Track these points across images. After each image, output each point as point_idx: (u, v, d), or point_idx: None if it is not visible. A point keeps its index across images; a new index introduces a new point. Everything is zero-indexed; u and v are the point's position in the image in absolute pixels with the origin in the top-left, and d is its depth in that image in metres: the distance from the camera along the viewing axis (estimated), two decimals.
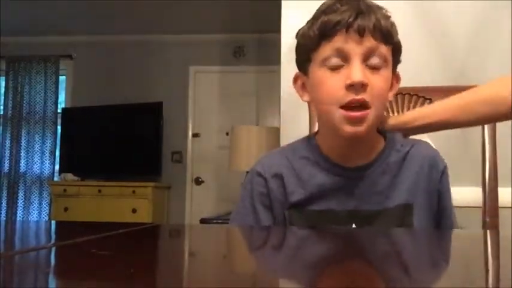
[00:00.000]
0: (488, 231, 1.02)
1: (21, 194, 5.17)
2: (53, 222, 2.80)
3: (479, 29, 1.81)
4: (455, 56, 1.83)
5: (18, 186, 5.17)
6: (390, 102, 1.21)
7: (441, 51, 1.84)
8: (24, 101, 5.26)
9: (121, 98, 4.91)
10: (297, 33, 0.98)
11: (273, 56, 2.59)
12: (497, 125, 1.20)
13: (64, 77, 5.36)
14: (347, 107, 0.90)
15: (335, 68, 0.91)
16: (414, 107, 1.22)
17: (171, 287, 0.39)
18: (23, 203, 5.16)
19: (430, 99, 1.22)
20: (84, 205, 4.50)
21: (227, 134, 4.15)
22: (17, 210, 5.14)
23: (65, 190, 4.65)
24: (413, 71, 1.59)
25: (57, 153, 5.15)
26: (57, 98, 5.29)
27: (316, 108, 0.99)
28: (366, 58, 0.90)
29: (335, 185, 0.97)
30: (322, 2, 0.96)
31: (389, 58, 0.93)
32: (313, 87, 0.96)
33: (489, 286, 0.40)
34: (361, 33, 0.89)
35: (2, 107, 5.34)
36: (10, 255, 0.52)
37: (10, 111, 5.27)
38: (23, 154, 5.21)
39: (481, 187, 1.19)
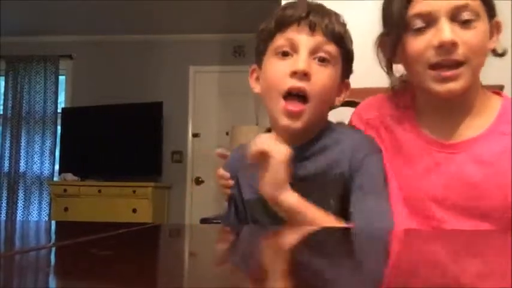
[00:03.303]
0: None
1: (21, 194, 5.17)
2: (53, 222, 2.80)
3: None
4: None
5: (18, 186, 5.17)
6: None
7: None
8: (24, 101, 5.27)
9: (121, 97, 4.91)
10: (257, 31, 1.03)
11: None
12: None
13: (64, 77, 5.36)
14: (287, 97, 0.94)
15: (284, 57, 0.96)
16: None
17: (171, 287, 0.39)
18: (22, 203, 5.16)
19: None
20: (84, 205, 4.50)
21: (227, 133, 4.15)
22: (16, 210, 5.14)
23: (65, 190, 4.65)
24: None
25: (57, 153, 5.15)
26: (57, 98, 5.29)
27: (263, 98, 1.02)
28: (313, 51, 0.94)
29: None
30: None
31: (338, 59, 0.97)
32: (263, 76, 1.01)
33: (489, 286, 0.40)
34: (311, 27, 0.95)
35: (1, 107, 5.34)
36: (10, 255, 0.52)
37: (10, 111, 5.28)
38: (22, 154, 5.21)
39: None
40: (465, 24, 0.88)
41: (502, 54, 0.98)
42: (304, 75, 0.92)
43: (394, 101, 1.04)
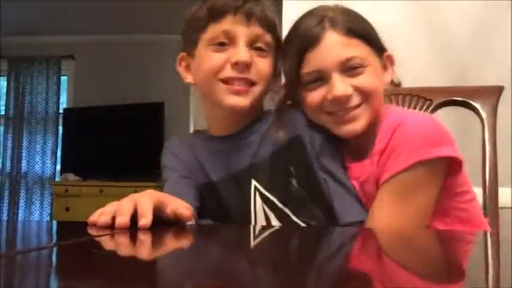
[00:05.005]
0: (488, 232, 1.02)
1: (22, 194, 5.17)
2: (54, 222, 2.80)
3: (480, 29, 1.80)
4: (455, 56, 1.83)
5: (20, 186, 5.17)
6: (391, 102, 1.21)
7: (441, 51, 1.84)
8: (26, 101, 5.26)
9: (122, 98, 4.91)
10: (186, 16, 1.02)
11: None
12: (498, 124, 1.20)
13: (66, 77, 5.36)
14: (230, 82, 0.93)
15: (221, 48, 0.94)
16: (415, 107, 1.23)
17: (171, 287, 0.39)
18: (24, 203, 5.16)
19: (430, 99, 1.22)
20: (85, 205, 4.49)
21: None
22: (18, 210, 5.14)
23: (66, 190, 4.65)
24: (413, 72, 1.58)
25: (59, 153, 5.15)
26: (58, 98, 5.29)
27: (200, 86, 1.02)
28: (251, 42, 0.95)
29: (222, 154, 1.01)
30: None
31: (273, 47, 0.98)
32: (198, 65, 0.99)
33: (489, 286, 0.40)
34: (248, 17, 0.93)
35: (3, 107, 5.34)
36: (11, 255, 0.52)
37: (12, 112, 5.27)
38: (24, 154, 5.21)
39: (481, 187, 1.19)
40: (354, 70, 0.92)
41: (398, 85, 1.02)
42: (246, 66, 0.93)
43: None
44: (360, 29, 0.94)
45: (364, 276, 0.44)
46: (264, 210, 0.96)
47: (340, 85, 0.91)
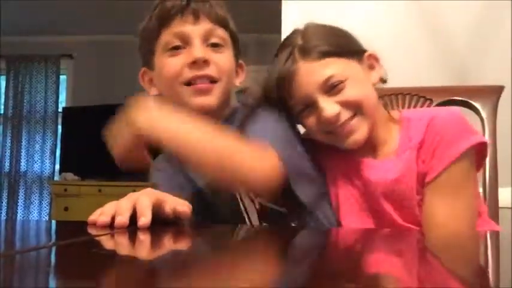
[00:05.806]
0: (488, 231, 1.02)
1: (21, 194, 5.16)
2: (53, 221, 2.80)
3: (479, 28, 1.80)
4: (455, 56, 1.83)
5: (19, 185, 5.17)
6: (391, 102, 1.21)
7: (441, 51, 1.84)
8: (25, 101, 5.26)
9: (121, 97, 4.88)
10: (138, 30, 1.05)
11: (273, 56, 2.59)
12: (498, 124, 1.20)
13: (65, 77, 5.36)
14: (192, 83, 0.93)
15: (177, 52, 0.95)
16: (415, 106, 1.22)
17: (171, 287, 0.39)
18: (23, 203, 5.16)
19: (430, 99, 1.22)
20: (84, 205, 4.49)
21: None
22: (17, 209, 5.14)
23: (65, 190, 4.65)
24: (413, 71, 1.58)
25: (58, 152, 5.14)
26: (57, 98, 5.28)
27: (166, 95, 1.01)
28: (205, 39, 0.95)
29: None
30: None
31: (229, 41, 0.99)
32: (158, 75, 1.00)
33: (490, 286, 0.40)
34: (196, 15, 0.94)
35: (2, 107, 5.33)
36: (10, 254, 0.52)
37: (11, 111, 5.27)
38: (23, 153, 5.21)
39: (481, 187, 1.19)
40: (336, 87, 0.92)
41: (384, 81, 1.02)
42: (204, 63, 0.93)
43: None
44: (331, 46, 0.94)
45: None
46: (250, 197, 0.97)
47: (327, 106, 0.92)
